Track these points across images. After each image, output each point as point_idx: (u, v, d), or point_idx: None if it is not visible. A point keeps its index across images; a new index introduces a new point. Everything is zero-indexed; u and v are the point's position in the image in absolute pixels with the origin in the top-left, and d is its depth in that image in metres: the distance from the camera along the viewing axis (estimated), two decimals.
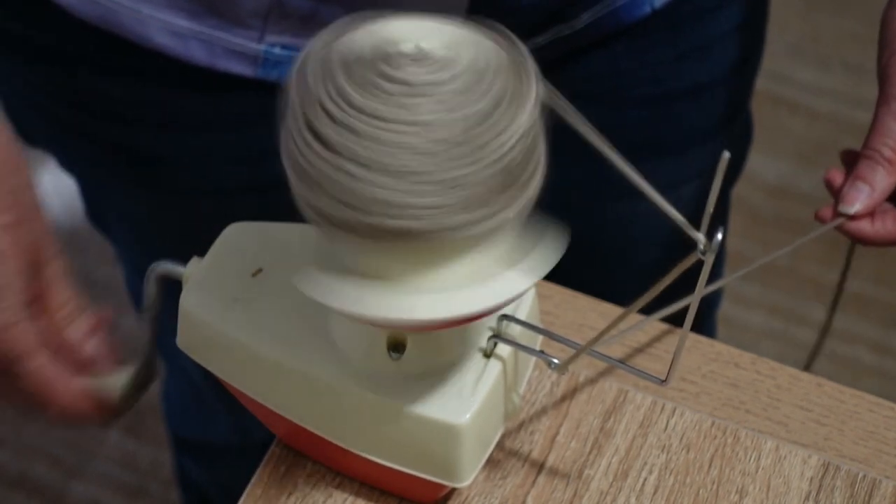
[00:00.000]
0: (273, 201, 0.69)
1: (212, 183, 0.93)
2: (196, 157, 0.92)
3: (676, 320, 0.80)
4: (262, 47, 0.85)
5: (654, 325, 0.86)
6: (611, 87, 0.95)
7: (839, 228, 0.83)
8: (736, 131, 1.05)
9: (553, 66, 0.94)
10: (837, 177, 0.84)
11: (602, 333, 0.71)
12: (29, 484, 1.72)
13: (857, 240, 0.83)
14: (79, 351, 0.73)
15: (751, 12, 0.98)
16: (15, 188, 0.69)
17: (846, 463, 0.81)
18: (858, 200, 0.82)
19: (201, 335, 0.75)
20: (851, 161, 0.84)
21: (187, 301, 0.75)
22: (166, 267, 0.76)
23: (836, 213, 0.83)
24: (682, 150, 1.00)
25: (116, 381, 0.75)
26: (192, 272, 0.76)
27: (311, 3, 0.83)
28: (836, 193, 0.83)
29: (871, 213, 0.82)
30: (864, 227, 0.82)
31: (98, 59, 0.88)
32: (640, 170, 0.68)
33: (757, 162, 2.02)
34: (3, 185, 0.68)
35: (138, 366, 0.76)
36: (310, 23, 0.84)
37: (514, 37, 0.67)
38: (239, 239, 0.77)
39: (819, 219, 0.83)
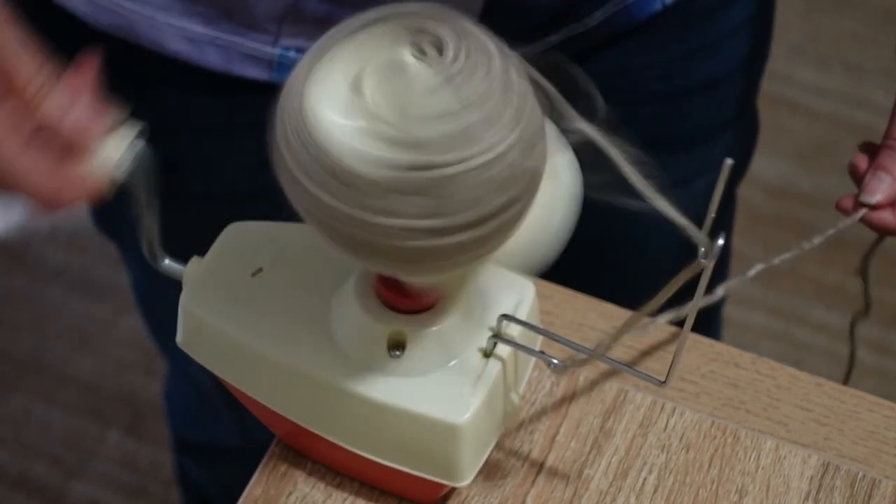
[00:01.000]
0: (287, 206, 0.69)
1: (226, 188, 0.93)
2: (211, 162, 0.92)
3: (679, 321, 0.80)
4: (276, 51, 0.85)
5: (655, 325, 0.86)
6: (622, 85, 0.96)
7: (861, 220, 0.83)
8: (744, 127, 1.05)
9: None
10: (862, 162, 0.83)
11: (613, 339, 0.71)
12: (29, 484, 1.72)
13: (879, 230, 0.83)
14: (60, 128, 0.65)
15: (759, 8, 0.98)
16: None
17: (846, 463, 0.81)
18: (880, 190, 0.82)
19: (201, 335, 0.75)
20: (870, 152, 0.84)
21: (187, 301, 0.75)
22: (167, 266, 0.76)
23: (858, 204, 0.83)
24: (693, 146, 1.00)
25: (112, 149, 0.67)
26: (192, 272, 0.76)
27: (326, 6, 0.83)
28: (860, 179, 0.83)
29: (892, 203, 0.82)
30: (887, 217, 0.82)
31: (112, 66, 0.88)
32: (652, 165, 0.68)
33: (757, 162, 2.01)
34: None
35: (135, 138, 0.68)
36: (325, 26, 0.83)
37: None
38: (239, 239, 0.77)
39: (840, 209, 0.83)
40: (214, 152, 0.92)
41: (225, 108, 0.89)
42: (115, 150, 0.67)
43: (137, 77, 0.88)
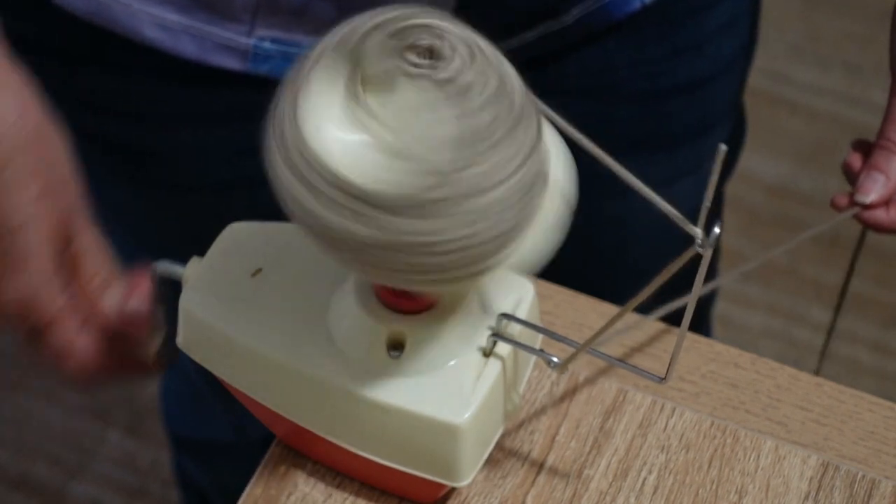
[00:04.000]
0: (266, 196, 0.69)
1: (205, 178, 0.93)
2: (188, 153, 0.93)
3: (674, 320, 0.80)
4: (251, 41, 0.85)
5: (653, 324, 0.86)
6: (604, 83, 0.96)
7: (855, 216, 0.84)
8: (730, 127, 1.05)
9: (544, 62, 0.94)
10: (856, 161, 0.85)
11: (601, 331, 0.71)
12: (29, 484, 1.72)
13: (872, 227, 0.84)
14: (114, 319, 0.72)
15: (745, 8, 0.98)
16: (45, 158, 0.69)
17: (845, 463, 0.82)
18: (874, 190, 0.83)
19: (201, 335, 0.75)
20: (864, 150, 0.85)
21: (187, 301, 0.75)
22: (166, 267, 0.76)
23: (852, 202, 0.84)
24: (676, 146, 1.00)
25: (152, 340, 0.74)
26: (192, 272, 0.76)
27: None
28: (855, 178, 0.84)
29: (886, 202, 0.84)
30: (880, 215, 0.84)
31: (91, 54, 0.88)
32: (634, 165, 0.69)
33: (756, 162, 2.02)
34: (33, 154, 0.68)
35: (167, 330, 0.75)
36: (300, 17, 0.84)
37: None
38: (239, 239, 0.77)
39: (834, 206, 0.85)
40: (192, 142, 0.92)
41: (200, 97, 0.89)
42: (155, 340, 0.75)
43: (114, 65, 0.88)
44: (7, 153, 0.67)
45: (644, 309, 0.73)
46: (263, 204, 0.69)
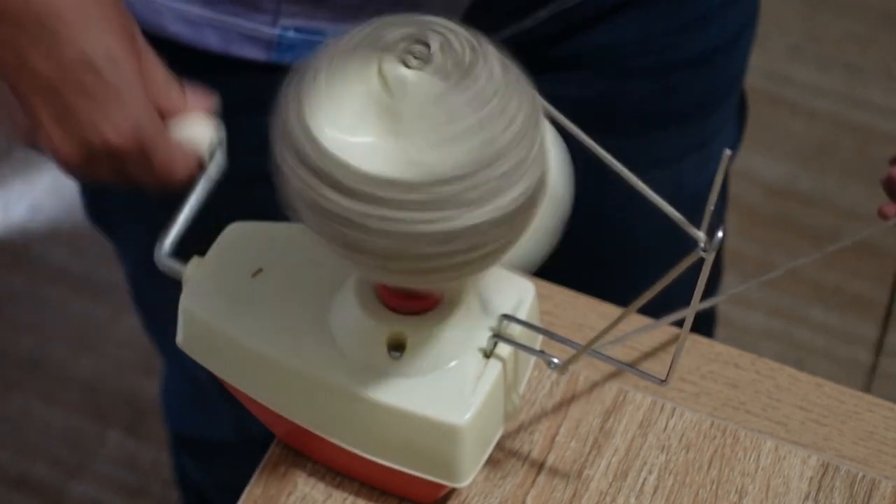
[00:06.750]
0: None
1: (225, 171, 0.93)
2: None
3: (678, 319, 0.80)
4: (275, 31, 0.85)
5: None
6: (614, 59, 0.96)
7: None
8: (734, 105, 1.05)
9: (556, 40, 0.94)
10: None
11: (602, 333, 0.71)
12: (29, 484, 1.72)
13: None
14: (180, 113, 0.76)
15: None
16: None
17: (845, 463, 0.82)
18: None
19: (201, 335, 0.75)
20: None
21: (187, 301, 0.75)
22: (166, 266, 0.76)
23: None
24: (685, 121, 1.01)
25: (205, 133, 0.77)
26: (193, 272, 0.76)
27: None
28: None
29: None
30: None
31: None
32: (644, 140, 0.69)
33: (756, 162, 2.02)
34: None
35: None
36: (322, 5, 0.84)
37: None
38: (239, 239, 0.77)
39: (882, 215, 0.87)
40: None
41: (223, 89, 0.89)
42: (202, 135, 0.77)
43: None
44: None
45: (645, 307, 0.73)
46: (281, 198, 0.69)
